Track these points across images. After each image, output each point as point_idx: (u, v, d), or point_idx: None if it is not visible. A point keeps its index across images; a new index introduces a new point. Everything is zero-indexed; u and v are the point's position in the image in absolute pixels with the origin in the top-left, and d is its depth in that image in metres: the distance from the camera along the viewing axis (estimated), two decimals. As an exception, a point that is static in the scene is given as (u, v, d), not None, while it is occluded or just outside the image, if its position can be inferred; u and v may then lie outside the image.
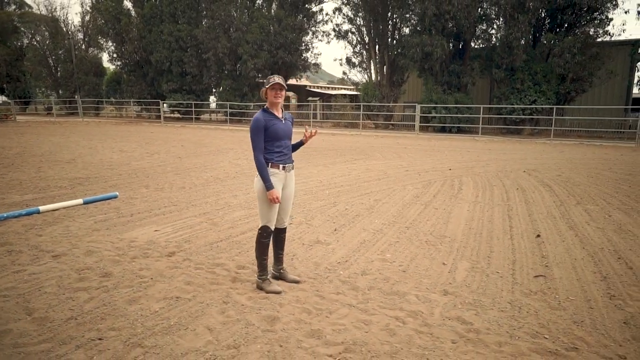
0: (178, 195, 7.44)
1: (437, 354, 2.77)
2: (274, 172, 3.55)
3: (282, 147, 3.59)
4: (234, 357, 2.70)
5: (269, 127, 3.52)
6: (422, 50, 22.41)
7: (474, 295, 3.65)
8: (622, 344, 2.91)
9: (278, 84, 3.49)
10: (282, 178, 3.62)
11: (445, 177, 9.43)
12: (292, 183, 3.76)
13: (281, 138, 3.58)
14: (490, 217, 6.16)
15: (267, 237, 3.68)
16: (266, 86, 3.52)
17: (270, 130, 3.52)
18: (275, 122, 3.55)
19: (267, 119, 3.52)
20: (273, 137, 3.54)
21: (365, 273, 4.09)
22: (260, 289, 3.68)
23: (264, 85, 3.55)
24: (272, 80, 3.50)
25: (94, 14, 35.80)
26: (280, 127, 3.57)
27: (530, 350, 2.82)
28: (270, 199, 3.49)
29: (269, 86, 3.50)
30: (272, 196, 3.48)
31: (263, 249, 3.69)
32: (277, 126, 3.55)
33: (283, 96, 3.56)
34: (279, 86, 3.51)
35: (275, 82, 3.48)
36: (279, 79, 3.51)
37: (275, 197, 3.48)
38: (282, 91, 3.54)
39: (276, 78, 3.50)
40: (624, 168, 10.92)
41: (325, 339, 2.92)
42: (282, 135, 3.58)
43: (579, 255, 4.63)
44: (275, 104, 3.58)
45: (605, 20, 20.54)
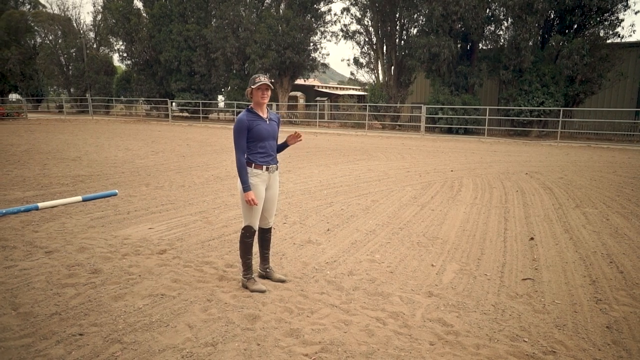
0: (177, 193, 7.51)
1: (413, 355, 2.77)
2: (257, 172, 3.54)
3: (266, 147, 3.57)
4: (211, 354, 2.73)
5: (253, 128, 3.50)
6: (429, 51, 22.31)
7: (459, 297, 3.64)
8: (602, 348, 2.89)
9: (265, 85, 3.48)
10: (265, 179, 3.61)
11: (445, 179, 9.39)
12: (276, 184, 3.75)
13: (265, 139, 3.55)
14: (486, 220, 6.13)
15: (250, 237, 3.68)
16: (252, 86, 3.49)
17: (254, 130, 3.50)
18: (259, 122, 3.54)
19: (250, 119, 3.51)
20: (257, 138, 3.52)
21: (352, 273, 4.10)
22: (245, 288, 3.70)
23: (249, 85, 3.53)
24: (258, 81, 3.47)
25: (104, 13, 36.18)
26: (264, 127, 3.55)
27: (507, 354, 2.81)
28: (246, 201, 3.48)
29: (256, 86, 3.47)
30: (248, 198, 3.47)
31: (247, 249, 3.69)
32: (261, 126, 3.53)
33: (269, 96, 3.55)
34: (266, 86, 3.50)
35: (262, 82, 3.45)
36: (265, 78, 3.49)
37: (251, 199, 3.46)
38: (268, 91, 3.53)
39: (262, 78, 3.49)
40: (629, 171, 10.78)
41: (303, 339, 2.94)
42: (266, 136, 3.56)
43: (571, 259, 4.59)
44: (261, 104, 3.57)
45: (616, 21, 20.27)
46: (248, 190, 3.48)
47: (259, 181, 3.56)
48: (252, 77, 3.53)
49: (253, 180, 3.52)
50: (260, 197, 3.57)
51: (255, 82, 3.48)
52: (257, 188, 3.55)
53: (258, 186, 3.55)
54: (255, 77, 3.50)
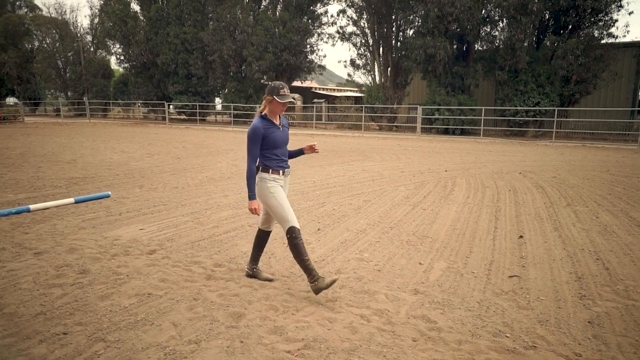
0: (170, 195, 7.52)
1: (395, 352, 2.79)
2: (275, 177, 3.54)
3: (280, 154, 3.59)
4: (194, 352, 2.75)
5: (268, 135, 3.48)
6: (425, 52, 22.39)
7: (444, 294, 3.66)
8: (582, 343, 2.91)
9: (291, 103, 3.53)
10: (282, 183, 3.63)
11: (439, 179, 9.42)
12: (287, 186, 3.78)
13: (280, 146, 3.57)
14: (477, 218, 6.16)
15: (297, 237, 3.51)
16: (276, 97, 3.43)
17: (269, 138, 3.49)
18: (274, 130, 3.53)
19: (266, 127, 3.48)
20: (272, 145, 3.52)
21: (339, 272, 4.12)
22: (319, 291, 3.49)
23: (271, 93, 3.45)
24: (283, 93, 3.43)
25: (101, 16, 36.23)
26: (279, 135, 3.55)
27: (488, 349, 2.83)
28: (249, 208, 3.47)
29: (283, 102, 3.44)
30: (251, 206, 3.46)
31: (300, 251, 3.52)
32: (276, 134, 3.52)
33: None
34: (291, 104, 3.54)
35: (289, 100, 3.46)
36: (289, 93, 3.48)
37: (254, 208, 3.45)
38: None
39: (288, 93, 3.46)
40: (622, 170, 10.82)
41: (287, 336, 2.96)
42: (280, 143, 3.57)
43: (558, 256, 4.62)
44: (277, 114, 3.58)
45: (610, 21, 20.36)
46: (253, 199, 3.49)
47: (278, 185, 3.57)
48: (276, 86, 3.46)
49: (272, 184, 3.52)
50: (284, 197, 3.55)
51: (280, 95, 3.43)
52: (279, 191, 3.54)
53: (278, 189, 3.54)
54: (280, 88, 3.44)
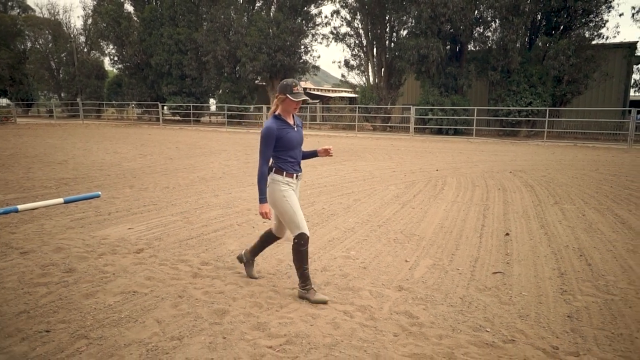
0: (160, 195, 7.52)
1: (376, 346, 2.82)
2: (288, 180, 3.40)
3: (295, 156, 3.43)
4: (176, 348, 2.77)
5: (283, 136, 3.32)
6: (418, 53, 22.48)
7: (428, 290, 3.70)
8: (559, 336, 2.96)
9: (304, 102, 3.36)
10: (294, 187, 3.48)
11: (430, 178, 9.47)
12: (298, 191, 3.63)
13: (295, 147, 3.41)
14: (465, 217, 6.20)
15: (305, 244, 3.40)
16: (289, 95, 3.28)
17: (284, 139, 3.32)
18: (288, 130, 3.36)
19: (280, 128, 3.32)
20: (287, 146, 3.35)
21: (325, 269, 4.15)
22: (304, 299, 3.48)
23: (284, 91, 3.30)
24: (296, 91, 3.29)
25: (95, 17, 36.11)
26: (294, 135, 3.39)
27: (468, 343, 2.87)
28: (260, 212, 3.33)
29: (297, 100, 3.29)
30: (262, 210, 3.32)
31: (303, 258, 3.44)
32: (290, 135, 3.36)
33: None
34: (303, 102, 3.38)
35: (303, 98, 3.31)
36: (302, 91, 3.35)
37: (265, 212, 3.32)
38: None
39: (301, 90, 3.33)
40: (611, 169, 10.92)
41: (269, 332, 2.98)
42: (295, 144, 3.40)
43: (543, 253, 4.67)
44: (290, 113, 3.42)
45: (600, 22, 20.54)
46: (264, 202, 3.34)
47: (291, 189, 3.42)
48: (289, 84, 3.31)
49: (285, 188, 3.37)
50: (296, 202, 3.41)
51: (293, 93, 3.29)
52: (292, 196, 3.39)
53: (291, 193, 3.40)
54: (294, 86, 3.29)
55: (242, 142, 18.31)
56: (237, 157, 12.99)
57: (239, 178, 9.32)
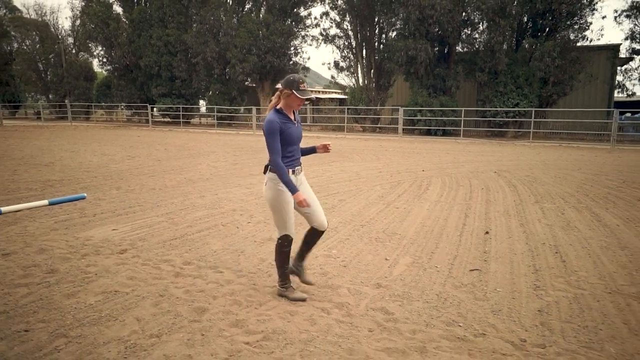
0: (147, 196, 7.54)
1: (351, 342, 2.90)
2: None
3: (293, 151, 3.39)
4: (154, 345, 2.82)
5: (284, 131, 3.27)
6: (406, 54, 22.65)
7: (406, 288, 3.79)
8: (529, 329, 3.06)
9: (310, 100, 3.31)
10: (296, 183, 3.41)
11: (415, 178, 9.59)
12: (306, 183, 3.59)
13: (294, 142, 3.37)
14: (447, 216, 6.31)
15: (288, 246, 3.48)
16: (295, 91, 3.22)
17: (285, 134, 3.27)
18: (290, 125, 3.32)
19: (282, 121, 3.27)
20: (287, 142, 3.30)
21: (306, 268, 4.21)
22: (283, 297, 3.55)
23: (290, 87, 3.24)
24: (302, 88, 3.24)
25: (83, 18, 35.87)
26: (294, 131, 3.36)
27: (440, 337, 2.96)
28: (298, 202, 3.24)
29: (303, 97, 3.24)
30: (299, 199, 3.22)
31: (284, 259, 3.50)
32: (292, 130, 3.32)
33: None
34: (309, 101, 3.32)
35: (310, 97, 3.27)
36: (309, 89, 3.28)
37: (303, 199, 3.22)
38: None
39: (308, 88, 3.30)
40: (593, 169, 11.13)
41: (247, 328, 3.05)
42: (295, 140, 3.37)
43: (520, 250, 4.78)
44: (293, 108, 3.37)
45: (584, 25, 20.89)
46: (296, 191, 3.23)
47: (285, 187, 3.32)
48: (296, 80, 3.25)
49: (281, 186, 3.30)
50: (289, 202, 3.37)
51: (300, 90, 3.23)
52: (285, 194, 3.32)
53: (286, 193, 3.32)
54: (300, 83, 3.24)
55: (232, 144, 18.32)
56: (226, 159, 13.01)
57: (226, 179, 9.35)
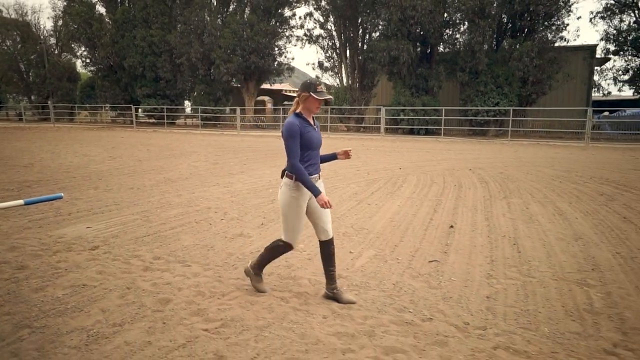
0: (124, 195, 7.62)
1: (305, 327, 3.06)
2: (299, 185, 3.28)
3: (313, 157, 3.34)
4: (116, 333, 2.95)
5: (305, 134, 3.24)
6: (389, 55, 22.93)
7: (365, 278, 3.96)
8: (474, 314, 3.25)
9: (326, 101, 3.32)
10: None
11: (391, 176, 9.79)
12: (323, 190, 3.45)
13: (315, 147, 3.33)
14: (416, 211, 6.51)
15: (285, 251, 3.52)
16: (313, 93, 3.22)
17: (305, 137, 3.24)
18: (310, 129, 3.29)
19: (302, 125, 3.25)
20: (307, 146, 3.26)
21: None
22: (248, 277, 3.74)
23: (307, 89, 3.23)
24: (320, 90, 3.24)
25: (65, 18, 35.52)
26: (315, 135, 3.33)
27: (389, 322, 3.13)
28: (321, 205, 3.19)
29: (320, 99, 3.24)
30: (322, 201, 3.18)
31: (273, 256, 3.58)
32: (311, 134, 3.29)
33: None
34: (325, 102, 3.35)
35: (327, 97, 3.25)
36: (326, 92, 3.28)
37: (326, 201, 3.19)
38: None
39: (325, 90, 3.25)
40: (565, 166, 11.45)
41: (207, 317, 3.19)
42: (315, 145, 3.33)
43: (480, 243, 4.99)
44: (312, 112, 3.36)
45: (561, 25, 21.37)
46: (318, 193, 3.19)
47: (300, 194, 3.30)
48: (312, 82, 3.27)
49: (295, 194, 3.27)
50: (302, 210, 3.36)
51: (317, 91, 3.23)
52: (299, 202, 3.30)
53: (299, 200, 3.30)
54: (317, 85, 3.25)
55: (215, 144, 18.38)
56: (207, 159, 13.10)
57: (205, 178, 9.46)
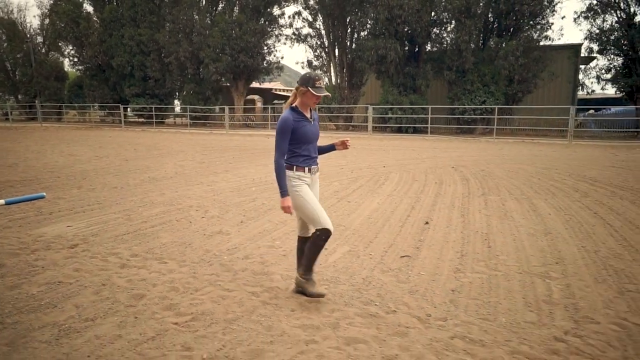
0: (107, 194, 7.67)
1: (272, 320, 3.16)
2: (299, 174, 3.32)
3: (309, 150, 3.37)
4: (87, 327, 3.03)
5: (299, 129, 3.26)
6: (376, 53, 23.07)
7: (336, 273, 4.07)
8: (437, 306, 3.37)
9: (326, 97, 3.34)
10: (309, 181, 3.40)
11: (374, 174, 9.92)
12: (317, 186, 3.54)
13: (310, 141, 3.35)
14: (395, 208, 6.63)
15: (326, 239, 3.36)
16: (311, 88, 3.21)
17: (299, 131, 3.26)
18: (305, 123, 3.30)
19: (296, 120, 3.26)
20: (302, 140, 3.29)
21: (247, 257, 4.46)
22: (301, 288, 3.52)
23: (305, 84, 3.23)
24: (319, 85, 3.23)
25: (52, 17, 35.23)
26: (310, 129, 3.33)
27: (355, 315, 3.24)
28: (281, 207, 3.24)
29: (318, 94, 3.22)
30: (283, 204, 3.22)
31: (317, 251, 3.42)
32: (306, 128, 3.30)
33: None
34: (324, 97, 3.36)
35: (325, 94, 3.25)
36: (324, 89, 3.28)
37: (287, 205, 3.22)
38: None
39: (323, 85, 3.27)
40: (546, 163, 11.66)
41: (178, 311, 3.28)
42: (311, 138, 3.34)
43: (453, 238, 5.12)
44: (309, 106, 3.36)
45: (546, 25, 21.66)
46: (285, 196, 3.24)
47: (304, 183, 3.34)
48: (312, 77, 3.24)
49: (296, 182, 3.29)
50: (312, 196, 3.33)
51: (316, 87, 3.22)
52: (305, 189, 3.31)
53: (304, 187, 3.31)
54: (316, 80, 3.23)
55: (203, 143, 18.40)
56: (193, 158, 13.14)
57: (190, 177, 9.52)
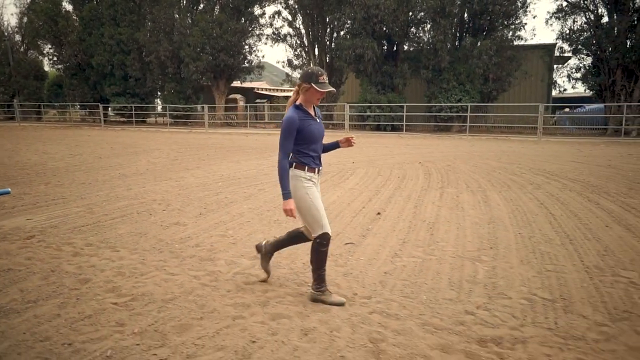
0: (74, 190, 7.76)
1: (207, 300, 3.35)
2: (311, 176, 3.23)
3: (316, 149, 3.27)
4: (28, 308, 3.19)
5: (305, 128, 3.15)
6: (354, 53, 23.35)
7: (279, 259, 4.26)
8: (366, 287, 3.60)
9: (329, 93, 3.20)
10: (316, 182, 3.33)
11: (342, 169, 10.16)
12: (319, 187, 3.46)
13: (317, 140, 3.25)
14: (352, 201, 6.87)
15: (327, 244, 3.27)
16: (314, 84, 3.10)
17: (305, 130, 3.15)
18: (311, 122, 3.20)
19: (302, 118, 3.16)
20: (309, 139, 3.19)
21: (197, 245, 4.65)
22: (319, 301, 3.31)
23: (308, 80, 3.11)
24: (322, 81, 3.11)
25: (30, 15, 34.81)
26: (316, 127, 3.23)
27: (286, 294, 3.46)
28: (284, 210, 3.14)
29: (322, 90, 3.12)
30: (287, 207, 3.12)
31: (323, 260, 3.30)
32: (312, 127, 3.20)
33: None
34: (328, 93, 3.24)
35: (329, 89, 3.15)
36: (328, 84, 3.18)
37: (291, 209, 3.12)
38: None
39: (327, 80, 3.17)
40: (512, 159, 12.03)
41: (120, 292, 3.46)
42: (317, 137, 3.25)
43: (400, 227, 5.37)
44: (313, 103, 3.27)
45: (519, 25, 22.19)
46: (288, 197, 3.13)
47: (313, 184, 3.26)
48: (314, 72, 3.12)
49: (308, 184, 3.21)
50: (318, 199, 3.23)
51: (319, 82, 3.10)
52: (315, 193, 3.23)
53: (313, 189, 3.24)
54: (319, 75, 3.11)
55: (181, 142, 18.47)
56: (168, 155, 13.24)
57: (160, 173, 9.64)
